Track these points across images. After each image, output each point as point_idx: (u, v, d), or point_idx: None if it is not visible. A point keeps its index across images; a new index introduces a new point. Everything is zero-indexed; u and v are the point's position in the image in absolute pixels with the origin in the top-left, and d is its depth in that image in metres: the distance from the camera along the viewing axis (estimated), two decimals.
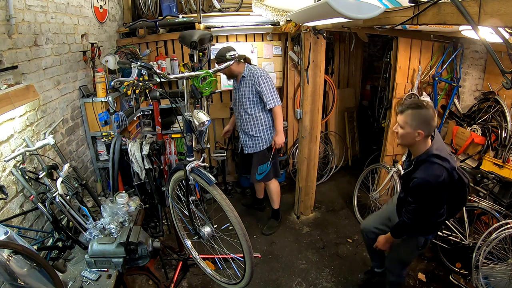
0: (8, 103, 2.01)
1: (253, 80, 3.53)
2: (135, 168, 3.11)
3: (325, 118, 5.18)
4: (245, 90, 3.59)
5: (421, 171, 2.17)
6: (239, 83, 3.65)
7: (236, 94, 3.74)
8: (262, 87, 3.50)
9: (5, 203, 2.11)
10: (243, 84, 3.61)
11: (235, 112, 3.87)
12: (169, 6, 4.71)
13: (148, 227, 3.41)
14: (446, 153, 2.20)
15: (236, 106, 3.80)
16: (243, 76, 3.59)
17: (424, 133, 2.14)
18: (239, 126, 3.84)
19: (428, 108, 2.15)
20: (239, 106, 3.70)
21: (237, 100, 3.72)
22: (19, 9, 2.32)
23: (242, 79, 3.61)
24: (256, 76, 3.51)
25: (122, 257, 2.07)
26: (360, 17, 2.09)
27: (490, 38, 1.97)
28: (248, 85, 3.57)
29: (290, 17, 3.09)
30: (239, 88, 3.66)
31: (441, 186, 2.14)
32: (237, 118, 3.85)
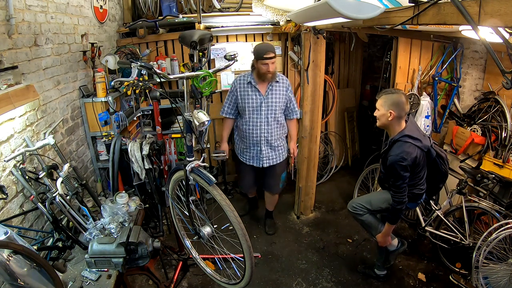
0: (8, 103, 2.01)
1: (286, 84, 3.39)
2: (135, 168, 3.11)
3: (325, 118, 5.18)
4: (279, 96, 3.36)
5: (395, 149, 2.57)
6: (269, 88, 3.34)
7: (261, 100, 3.34)
8: (292, 93, 3.47)
9: (5, 203, 2.11)
10: (276, 89, 3.35)
11: (255, 123, 3.41)
12: (169, 6, 4.71)
13: (148, 227, 3.42)
14: (418, 134, 2.60)
15: (258, 115, 3.37)
16: (277, 81, 3.35)
17: (394, 113, 2.56)
18: (263, 137, 3.42)
19: (399, 94, 2.59)
20: (267, 114, 3.36)
21: (263, 107, 3.35)
22: (19, 9, 2.31)
23: (275, 84, 3.35)
24: (287, 81, 3.43)
25: (122, 257, 2.07)
26: (360, 17, 2.09)
27: (490, 38, 1.97)
28: (281, 90, 3.37)
29: (290, 17, 3.09)
30: (269, 93, 3.34)
31: (414, 162, 2.53)
32: (257, 128, 3.40)
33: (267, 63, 3.15)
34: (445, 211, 3.33)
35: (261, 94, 3.32)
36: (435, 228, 3.38)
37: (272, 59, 3.16)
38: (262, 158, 3.49)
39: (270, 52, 3.14)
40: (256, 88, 3.32)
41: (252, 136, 3.43)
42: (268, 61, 3.15)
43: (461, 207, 3.15)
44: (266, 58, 3.14)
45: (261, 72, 3.23)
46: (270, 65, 3.17)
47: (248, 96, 3.35)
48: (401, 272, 3.37)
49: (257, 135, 3.41)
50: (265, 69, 3.19)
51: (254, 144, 3.46)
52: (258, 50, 3.20)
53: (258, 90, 3.32)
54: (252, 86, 3.33)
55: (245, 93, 3.35)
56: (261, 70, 3.21)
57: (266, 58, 3.14)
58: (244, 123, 3.44)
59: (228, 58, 2.45)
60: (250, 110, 3.37)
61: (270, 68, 3.18)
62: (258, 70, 3.25)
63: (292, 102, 3.46)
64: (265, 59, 3.14)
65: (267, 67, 3.17)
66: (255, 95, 3.33)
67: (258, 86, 3.32)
